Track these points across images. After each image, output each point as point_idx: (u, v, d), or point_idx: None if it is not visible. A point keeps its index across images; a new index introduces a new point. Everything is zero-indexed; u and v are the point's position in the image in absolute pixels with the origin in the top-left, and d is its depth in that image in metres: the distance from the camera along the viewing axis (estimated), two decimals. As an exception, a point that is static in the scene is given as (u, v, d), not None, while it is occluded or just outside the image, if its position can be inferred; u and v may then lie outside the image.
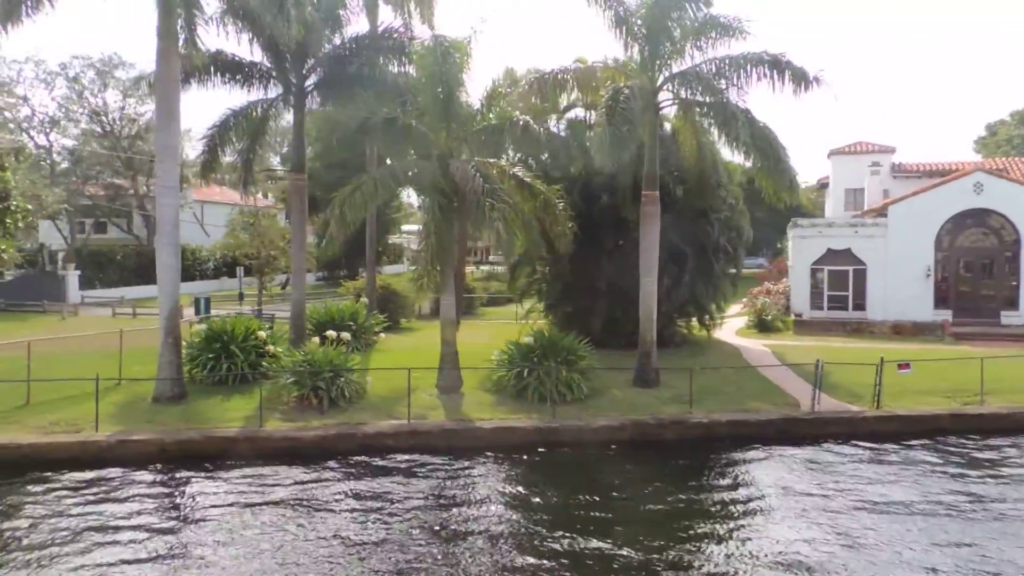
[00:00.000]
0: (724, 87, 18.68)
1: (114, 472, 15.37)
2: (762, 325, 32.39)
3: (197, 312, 38.33)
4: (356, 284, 36.62)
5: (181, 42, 18.40)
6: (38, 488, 14.57)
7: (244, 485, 14.87)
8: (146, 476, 15.39)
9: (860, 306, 32.99)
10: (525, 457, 16.90)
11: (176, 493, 14.74)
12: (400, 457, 16.59)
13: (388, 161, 27.99)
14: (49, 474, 15.15)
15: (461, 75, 19.25)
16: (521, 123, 18.64)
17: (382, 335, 28.50)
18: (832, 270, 33.33)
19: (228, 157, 27.69)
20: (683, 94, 20.43)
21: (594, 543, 12.12)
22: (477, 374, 20.94)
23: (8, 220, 23.05)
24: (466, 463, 16.30)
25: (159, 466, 15.83)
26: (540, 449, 17.32)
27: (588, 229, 23.66)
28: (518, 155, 20.40)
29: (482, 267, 75.64)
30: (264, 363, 21.46)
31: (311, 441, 16.80)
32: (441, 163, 19.64)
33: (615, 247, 25.12)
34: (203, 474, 15.47)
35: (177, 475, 15.46)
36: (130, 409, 18.70)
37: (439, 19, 25.73)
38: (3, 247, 22.58)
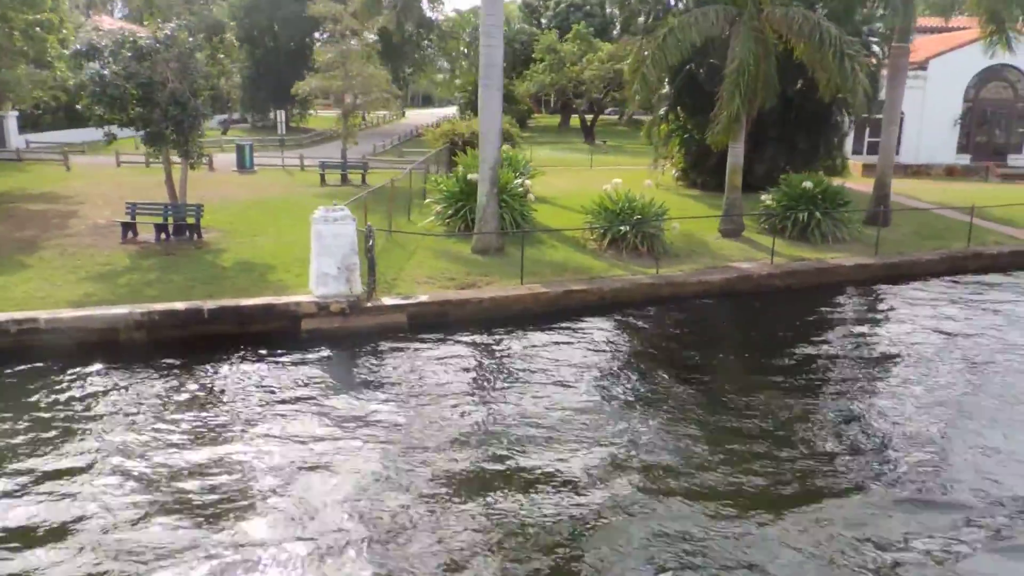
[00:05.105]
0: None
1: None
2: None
3: (241, 164, 34.92)
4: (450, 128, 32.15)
5: None
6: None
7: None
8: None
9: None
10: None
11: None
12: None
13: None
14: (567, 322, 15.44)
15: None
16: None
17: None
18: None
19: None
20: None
21: None
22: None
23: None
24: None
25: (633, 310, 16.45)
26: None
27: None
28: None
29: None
30: (525, 212, 21.35)
31: (719, 284, 17.72)
32: (755, 8, 19.94)
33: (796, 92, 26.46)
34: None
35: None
36: (470, 262, 18.26)
37: None
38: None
